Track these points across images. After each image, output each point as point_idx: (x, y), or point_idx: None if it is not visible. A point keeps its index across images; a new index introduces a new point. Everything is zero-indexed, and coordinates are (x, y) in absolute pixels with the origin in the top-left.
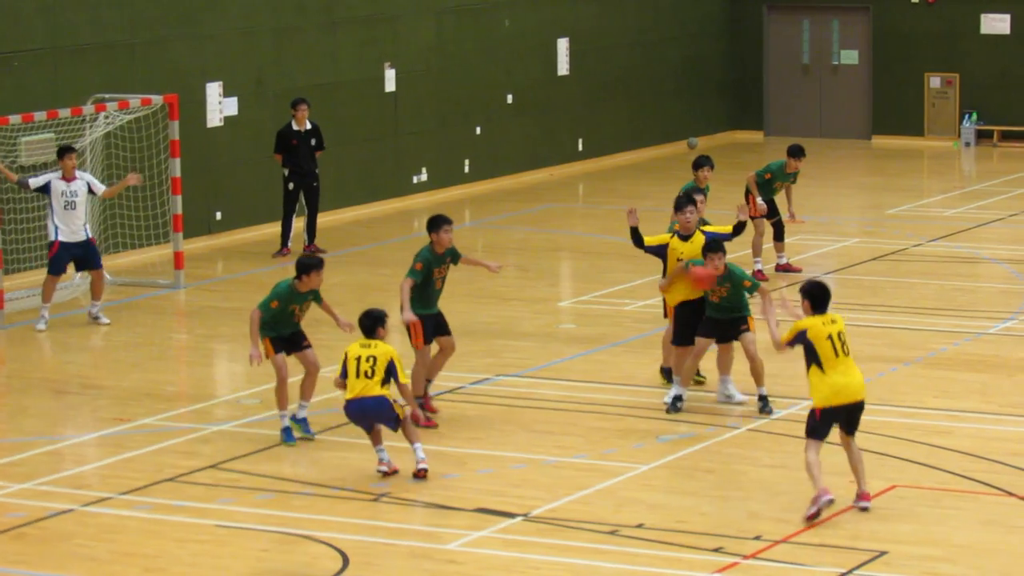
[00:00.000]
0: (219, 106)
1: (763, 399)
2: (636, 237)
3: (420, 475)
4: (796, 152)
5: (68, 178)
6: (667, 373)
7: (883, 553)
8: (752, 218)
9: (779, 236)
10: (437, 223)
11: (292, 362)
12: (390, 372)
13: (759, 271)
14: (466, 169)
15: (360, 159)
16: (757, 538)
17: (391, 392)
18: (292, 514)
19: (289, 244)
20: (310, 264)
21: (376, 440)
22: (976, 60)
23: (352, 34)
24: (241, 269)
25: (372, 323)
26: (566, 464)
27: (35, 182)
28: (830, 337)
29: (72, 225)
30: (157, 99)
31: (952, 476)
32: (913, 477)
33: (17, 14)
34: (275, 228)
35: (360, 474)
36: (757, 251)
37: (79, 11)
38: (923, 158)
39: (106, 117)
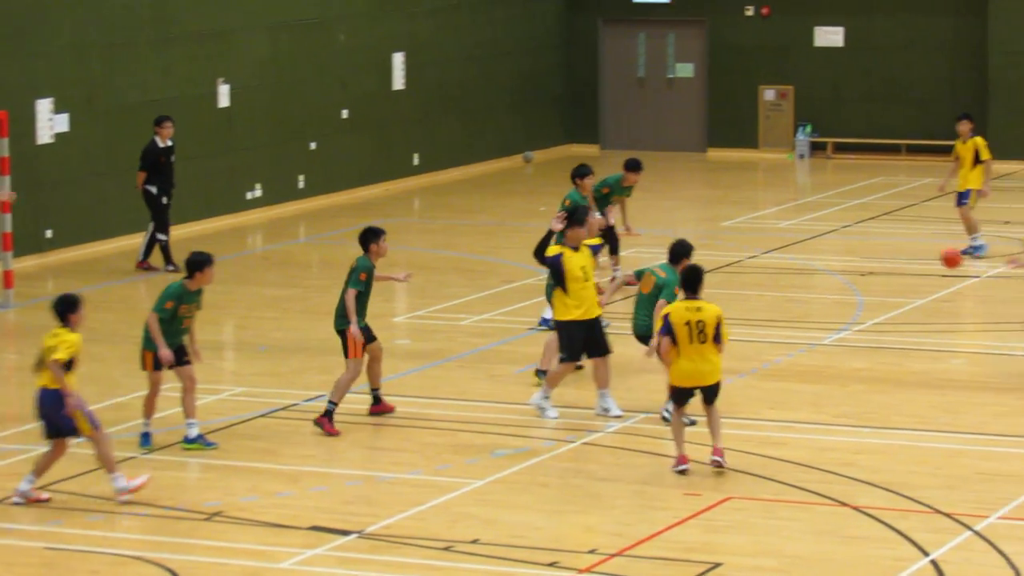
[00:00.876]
0: (49, 123)
1: None
2: (544, 246)
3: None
4: (634, 166)
5: None
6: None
7: (717, 565)
8: None
9: (614, 250)
10: (376, 234)
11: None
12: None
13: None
14: (301, 185)
15: (194, 175)
16: (592, 551)
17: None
18: (123, 535)
19: (146, 259)
20: (202, 260)
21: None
22: (810, 73)
23: (185, 49)
24: (72, 287)
25: (63, 309)
26: (401, 480)
27: None
28: (688, 323)
29: None
30: None
31: (786, 487)
32: (748, 488)
33: None
34: (108, 245)
35: (193, 493)
36: None
37: None
38: (758, 170)
39: None
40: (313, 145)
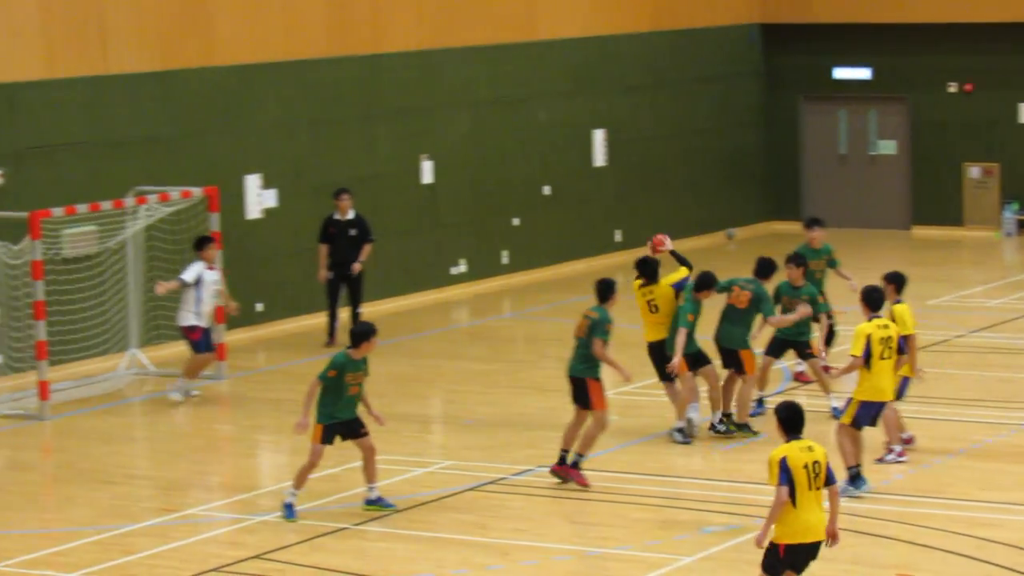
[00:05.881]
0: (258, 198)
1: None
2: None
3: None
4: (811, 223)
5: (212, 267)
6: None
7: None
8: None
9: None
10: (614, 286)
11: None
12: None
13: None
14: (504, 260)
15: (399, 250)
16: None
17: None
18: None
19: (335, 335)
20: (366, 331)
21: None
22: (1016, 149)
23: (389, 126)
24: (282, 360)
25: None
26: (610, 555)
27: (190, 277)
28: (806, 466)
29: (207, 311)
30: (197, 191)
31: (999, 569)
32: (959, 570)
33: (60, 108)
34: (316, 319)
35: (405, 565)
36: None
37: (119, 105)
38: (963, 248)
39: (147, 210)
40: (516, 221)
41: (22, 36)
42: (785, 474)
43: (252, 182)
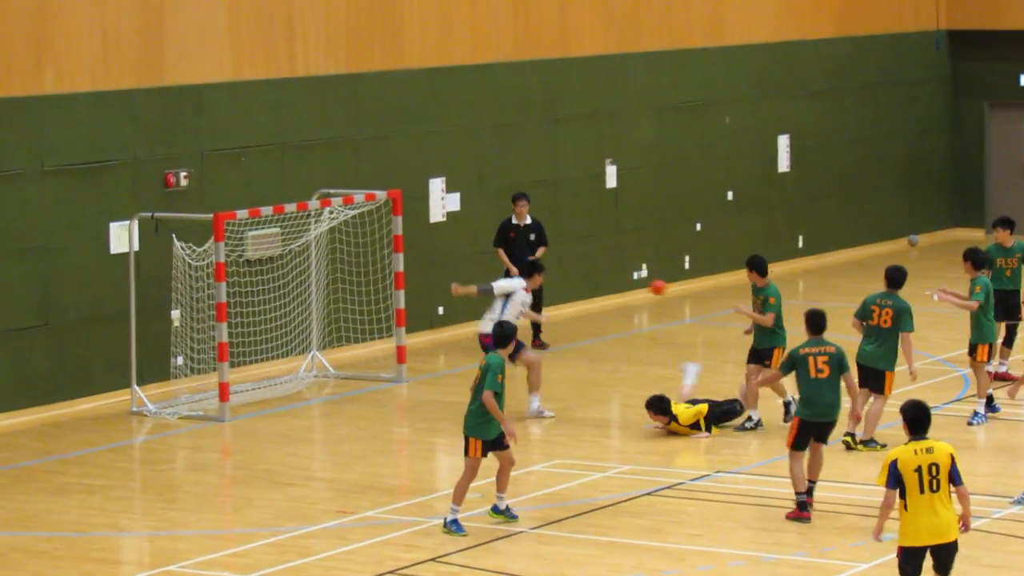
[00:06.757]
0: (442, 202)
1: None
2: None
3: None
4: (996, 223)
5: (528, 290)
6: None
7: None
8: None
9: (1008, 341)
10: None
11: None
12: None
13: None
14: (686, 265)
15: (581, 255)
16: None
17: None
18: None
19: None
20: (513, 330)
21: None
22: None
23: (573, 130)
24: (463, 364)
25: None
26: (784, 562)
27: (502, 288)
28: (919, 469)
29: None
30: (381, 194)
31: None
32: None
33: (246, 110)
34: None
35: (580, 569)
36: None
37: (305, 108)
38: None
39: (331, 212)
40: (699, 226)
41: (210, 38)
42: (893, 477)
43: (436, 185)
